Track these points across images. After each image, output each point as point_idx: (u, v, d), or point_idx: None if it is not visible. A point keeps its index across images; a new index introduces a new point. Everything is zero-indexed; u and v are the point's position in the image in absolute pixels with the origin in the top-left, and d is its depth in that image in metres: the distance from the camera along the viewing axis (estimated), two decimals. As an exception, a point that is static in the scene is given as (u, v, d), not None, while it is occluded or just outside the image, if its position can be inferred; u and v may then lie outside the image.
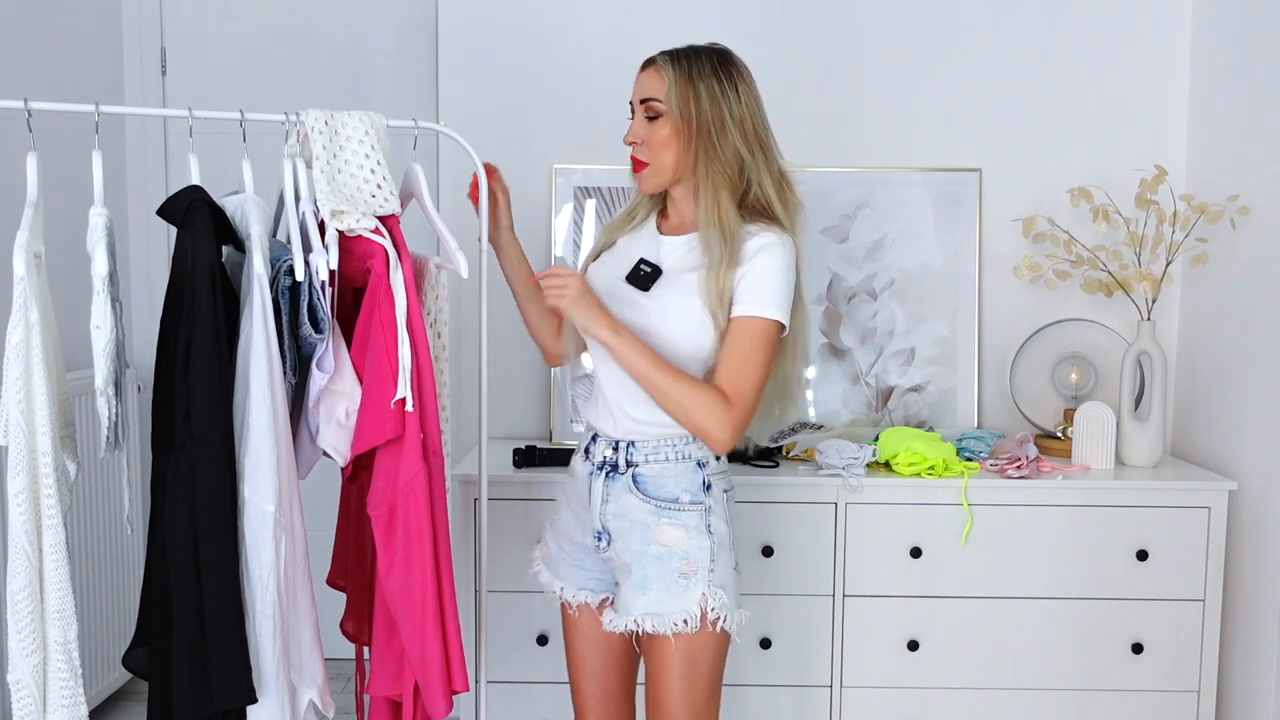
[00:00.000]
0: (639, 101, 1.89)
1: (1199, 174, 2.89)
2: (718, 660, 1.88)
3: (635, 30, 2.95)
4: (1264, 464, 2.58)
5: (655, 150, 1.87)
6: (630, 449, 1.89)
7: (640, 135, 1.89)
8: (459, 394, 3.04)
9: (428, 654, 1.73)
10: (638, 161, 1.91)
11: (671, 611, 1.82)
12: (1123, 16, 2.95)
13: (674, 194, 1.95)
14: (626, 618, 1.86)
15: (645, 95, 1.88)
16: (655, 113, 1.86)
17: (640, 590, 1.84)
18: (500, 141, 2.95)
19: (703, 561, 1.84)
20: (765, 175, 1.87)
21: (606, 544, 1.91)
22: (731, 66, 1.89)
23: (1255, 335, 2.62)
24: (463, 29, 2.98)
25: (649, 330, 1.85)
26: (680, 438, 1.88)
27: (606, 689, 2.02)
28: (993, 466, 2.63)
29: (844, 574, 2.57)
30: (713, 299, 1.82)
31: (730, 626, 1.85)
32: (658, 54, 1.91)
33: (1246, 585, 2.63)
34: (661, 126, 1.86)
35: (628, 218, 2.01)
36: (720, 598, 1.83)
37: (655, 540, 1.84)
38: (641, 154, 1.89)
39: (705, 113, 1.84)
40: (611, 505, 1.89)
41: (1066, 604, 2.58)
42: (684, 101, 1.84)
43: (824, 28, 2.97)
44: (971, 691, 2.60)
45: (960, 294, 2.97)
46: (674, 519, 1.85)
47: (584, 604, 1.99)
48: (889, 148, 2.98)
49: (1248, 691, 2.62)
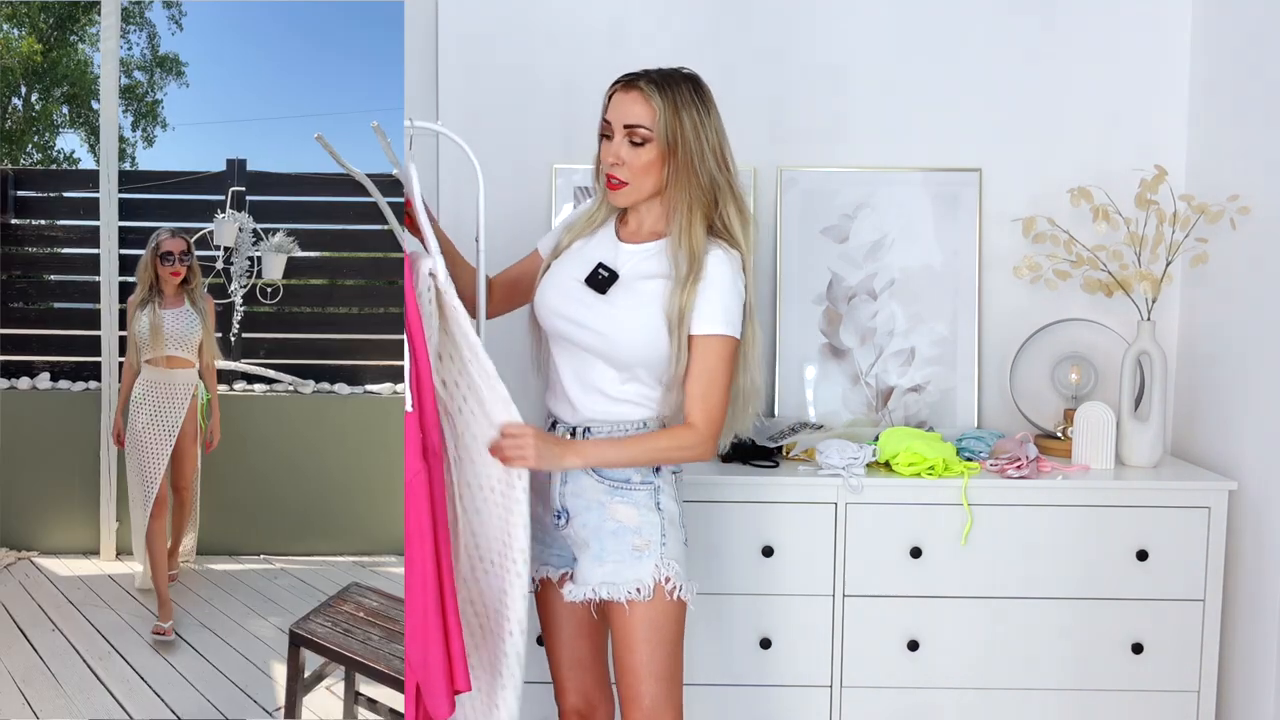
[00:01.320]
0: (623, 126, 1.97)
1: (1199, 174, 2.89)
2: (677, 628, 2.03)
3: (635, 30, 2.94)
4: (1264, 464, 2.57)
5: (637, 173, 1.98)
6: (586, 434, 2.05)
7: (623, 157, 1.97)
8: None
9: (429, 655, 1.72)
10: (615, 179, 1.99)
11: (626, 581, 1.98)
12: (1123, 16, 2.95)
13: (639, 205, 2.06)
14: (585, 588, 2.01)
15: (632, 121, 1.96)
16: (642, 139, 1.96)
17: (598, 562, 2.01)
18: (500, 141, 2.94)
19: (654, 536, 2.01)
20: (730, 197, 2.01)
21: (565, 521, 2.07)
22: (704, 93, 2.01)
23: (1255, 335, 2.62)
24: (463, 29, 2.97)
25: (601, 331, 2.00)
26: (632, 423, 2.04)
27: (578, 657, 2.19)
28: (993, 466, 2.63)
29: (844, 574, 2.56)
30: (673, 313, 1.96)
31: (686, 595, 2.01)
32: (639, 78, 1.98)
33: (1246, 585, 2.62)
34: (646, 152, 1.97)
35: (589, 221, 2.12)
36: (674, 568, 2.00)
37: (610, 517, 2.01)
38: (622, 174, 1.99)
39: (689, 141, 1.96)
40: (570, 486, 2.05)
41: (1066, 604, 2.57)
42: (672, 131, 1.96)
43: (824, 27, 2.97)
44: (971, 691, 2.59)
45: (960, 294, 2.96)
46: (626, 497, 2.02)
47: (545, 578, 2.15)
48: (889, 148, 2.97)
49: (1248, 691, 2.62)
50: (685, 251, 1.96)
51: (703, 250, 1.97)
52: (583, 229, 2.12)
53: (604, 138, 2.02)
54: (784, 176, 2.95)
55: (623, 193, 2.00)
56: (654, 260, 2.02)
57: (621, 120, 1.97)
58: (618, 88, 2.00)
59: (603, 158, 2.02)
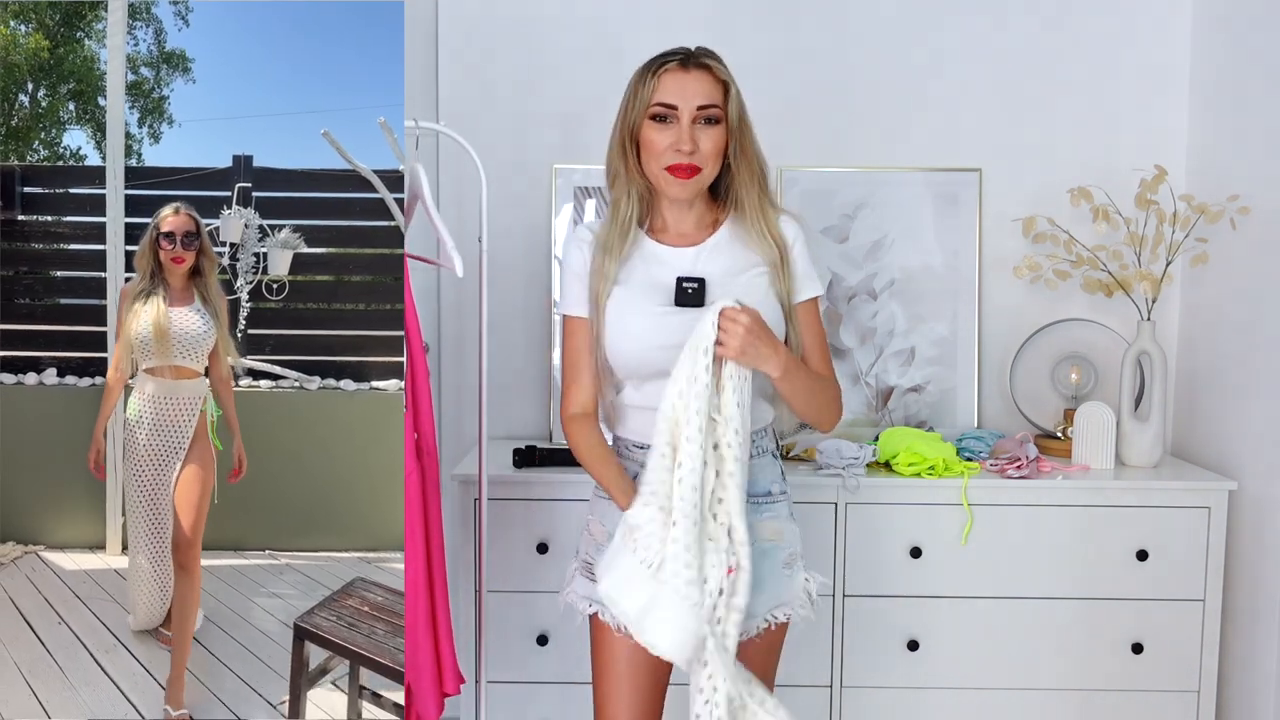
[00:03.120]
0: (695, 107, 1.78)
1: (1199, 174, 2.89)
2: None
3: (635, 30, 2.94)
4: (1264, 464, 2.58)
5: (711, 158, 1.80)
6: None
7: (698, 141, 1.79)
8: (459, 394, 3.04)
9: (419, 656, 1.73)
10: (688, 167, 1.79)
11: (787, 601, 1.86)
12: (1123, 17, 2.95)
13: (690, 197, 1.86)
14: (753, 620, 1.82)
15: (706, 101, 1.79)
16: (715, 118, 1.80)
17: (757, 589, 1.76)
18: (500, 141, 2.95)
19: (798, 547, 1.88)
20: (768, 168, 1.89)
21: None
22: None
23: (1255, 335, 2.62)
24: (463, 29, 2.98)
25: None
26: (759, 432, 1.86)
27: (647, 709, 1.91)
28: (993, 466, 2.63)
29: (844, 574, 2.57)
30: (785, 297, 1.84)
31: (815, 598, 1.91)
32: (701, 54, 1.82)
33: (1246, 585, 2.63)
34: (720, 133, 1.80)
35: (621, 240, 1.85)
36: (817, 579, 1.90)
37: (760, 537, 1.81)
38: (698, 160, 1.79)
39: (746, 116, 1.84)
40: None
41: (1066, 604, 2.58)
42: (739, 107, 1.83)
43: (825, 28, 2.97)
44: (971, 691, 2.60)
45: (960, 294, 2.97)
46: (770, 511, 1.85)
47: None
48: (889, 148, 2.98)
49: (1248, 691, 2.62)
50: (768, 236, 1.84)
51: (778, 229, 1.86)
52: (618, 252, 1.84)
53: (657, 121, 1.79)
54: (784, 176, 2.96)
55: (694, 181, 1.80)
56: (726, 253, 1.85)
57: (693, 101, 1.77)
58: (669, 67, 1.80)
59: (661, 145, 1.78)
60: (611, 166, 1.87)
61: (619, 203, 1.86)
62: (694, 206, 1.87)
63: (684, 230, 1.87)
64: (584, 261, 1.87)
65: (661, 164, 1.79)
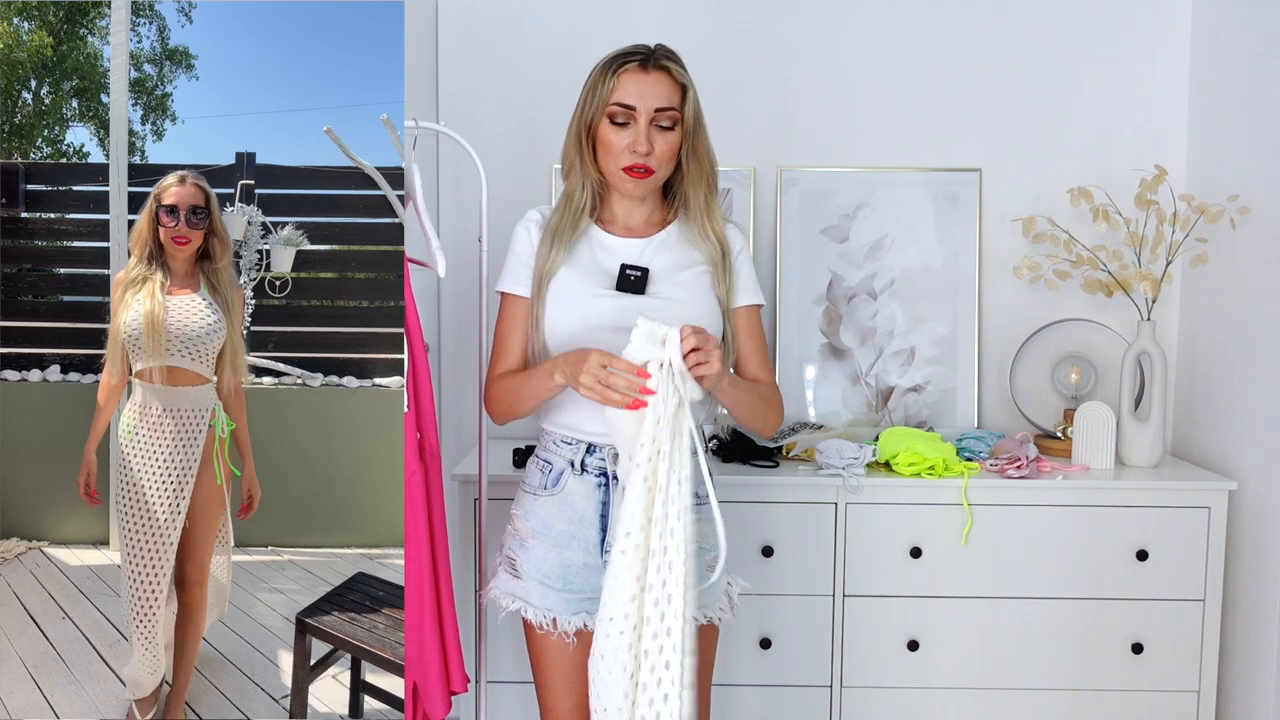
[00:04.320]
0: (652, 109, 1.80)
1: (1199, 174, 2.89)
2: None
3: (636, 30, 2.94)
4: (1264, 464, 2.58)
5: (664, 160, 1.83)
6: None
7: (653, 143, 1.81)
8: (459, 394, 3.05)
9: (425, 655, 1.74)
10: (643, 168, 1.82)
11: (709, 604, 1.88)
12: (1123, 16, 2.95)
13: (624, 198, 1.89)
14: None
15: (663, 104, 1.80)
16: (671, 122, 1.82)
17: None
18: (500, 141, 2.96)
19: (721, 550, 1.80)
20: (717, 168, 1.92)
21: None
22: None
23: (1255, 335, 2.62)
24: (463, 29, 2.98)
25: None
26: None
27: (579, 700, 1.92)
28: (993, 466, 2.64)
29: (844, 574, 2.58)
30: (724, 295, 1.88)
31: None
32: (661, 55, 1.83)
33: (1246, 585, 2.63)
34: (674, 136, 1.83)
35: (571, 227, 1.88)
36: (739, 582, 1.95)
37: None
38: (652, 162, 1.82)
39: (702, 120, 1.86)
40: None
41: (1066, 604, 2.58)
42: (695, 111, 1.84)
43: (824, 27, 2.97)
44: (971, 691, 2.60)
45: (960, 294, 2.97)
46: (697, 513, 1.79)
47: (581, 629, 1.87)
48: (889, 148, 2.98)
49: (1248, 691, 2.63)
50: (713, 237, 1.88)
51: (722, 231, 1.90)
52: (567, 239, 1.87)
53: (615, 122, 1.82)
54: (784, 176, 2.96)
55: (647, 181, 1.84)
56: (673, 250, 1.89)
57: (650, 104, 1.79)
58: (629, 67, 1.81)
59: (618, 146, 1.81)
60: (567, 158, 1.90)
61: (573, 194, 1.89)
62: (646, 203, 1.91)
63: (633, 225, 1.91)
64: (530, 244, 1.90)
65: (619, 164, 1.83)
